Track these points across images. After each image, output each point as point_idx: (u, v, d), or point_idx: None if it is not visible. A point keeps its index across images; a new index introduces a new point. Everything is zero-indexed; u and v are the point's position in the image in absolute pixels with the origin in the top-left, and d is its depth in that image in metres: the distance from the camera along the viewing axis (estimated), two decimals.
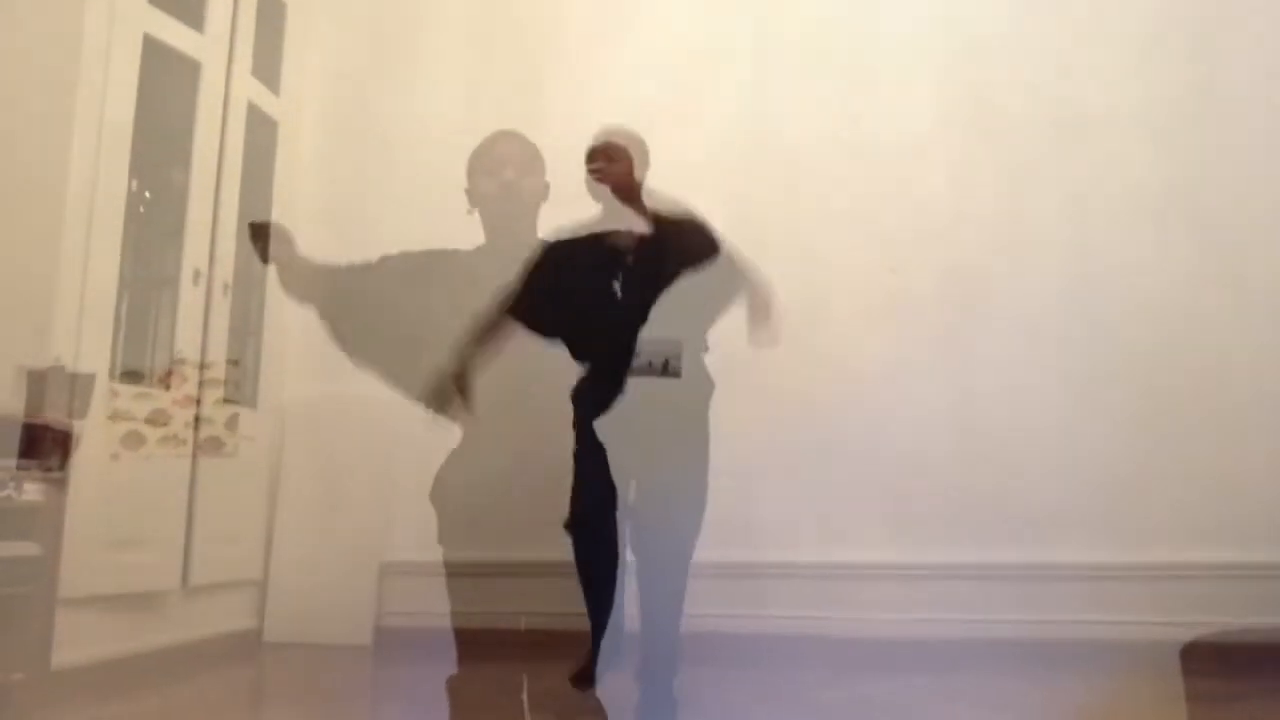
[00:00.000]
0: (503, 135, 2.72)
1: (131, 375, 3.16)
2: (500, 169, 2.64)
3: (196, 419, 3.35)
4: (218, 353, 3.47)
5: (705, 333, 2.69)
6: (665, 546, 2.60)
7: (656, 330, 2.55)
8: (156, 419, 3.19)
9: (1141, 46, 3.62)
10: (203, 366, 3.37)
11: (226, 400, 3.51)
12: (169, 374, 3.26)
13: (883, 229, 3.64)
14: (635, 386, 2.51)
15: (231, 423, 3.51)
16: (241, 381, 3.65)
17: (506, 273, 2.52)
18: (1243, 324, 3.39)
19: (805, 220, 3.69)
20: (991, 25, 3.72)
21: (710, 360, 2.85)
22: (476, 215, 2.69)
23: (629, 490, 2.55)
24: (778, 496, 3.49)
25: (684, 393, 2.58)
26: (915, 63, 3.74)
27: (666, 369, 2.62)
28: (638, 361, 2.57)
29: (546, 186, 2.71)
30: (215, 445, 3.43)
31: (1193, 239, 3.46)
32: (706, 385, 2.68)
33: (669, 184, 3.53)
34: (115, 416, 3.04)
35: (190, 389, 3.33)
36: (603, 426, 2.47)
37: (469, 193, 2.70)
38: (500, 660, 2.78)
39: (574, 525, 2.44)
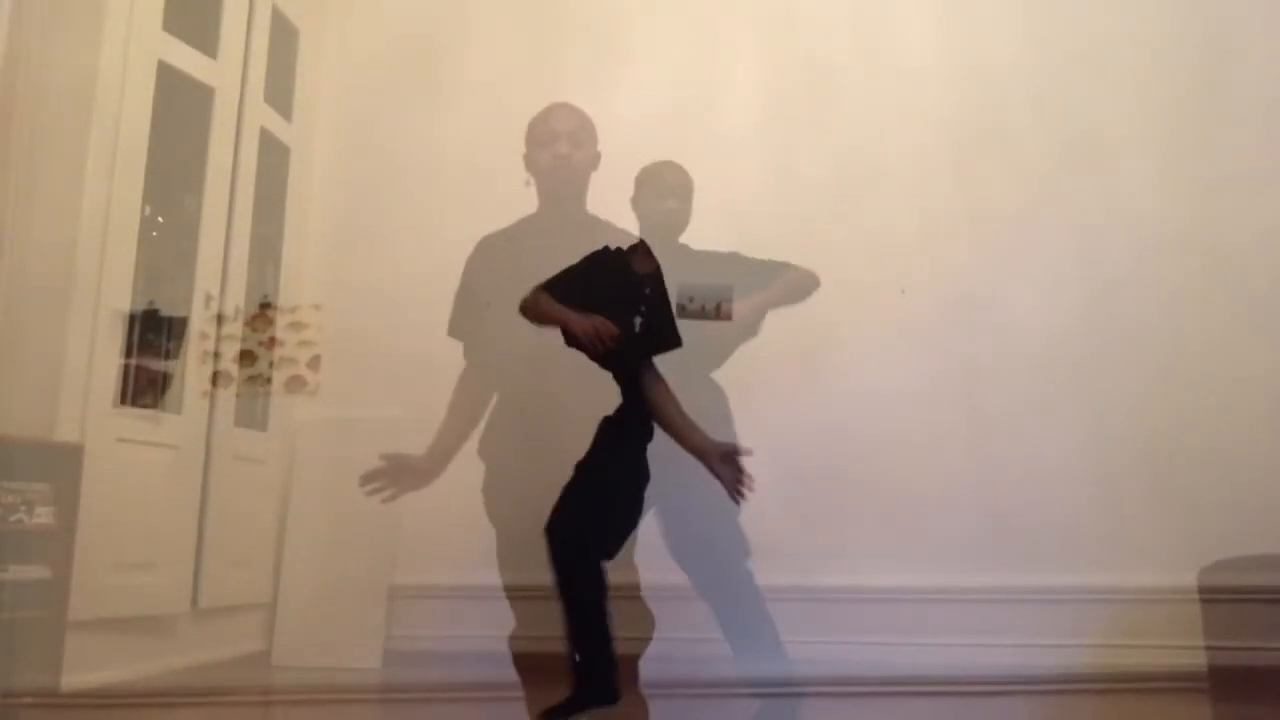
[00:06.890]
0: (557, 108, 2.76)
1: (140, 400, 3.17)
2: (554, 142, 2.69)
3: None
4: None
5: None
6: None
7: None
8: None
9: (1152, 69, 3.60)
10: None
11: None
12: (255, 316, 3.43)
13: (893, 250, 3.63)
14: None
15: (314, 363, 3.57)
16: (252, 403, 3.67)
17: (554, 239, 2.59)
18: (1254, 348, 3.35)
19: (815, 242, 3.67)
20: (1002, 47, 3.72)
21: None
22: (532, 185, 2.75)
23: None
24: (786, 520, 3.46)
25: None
26: (926, 84, 3.74)
27: (719, 312, 2.64)
28: (691, 305, 2.57)
29: (597, 156, 2.76)
30: (299, 384, 3.55)
31: (1203, 263, 3.44)
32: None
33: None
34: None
35: (277, 331, 3.48)
36: None
37: (526, 159, 2.76)
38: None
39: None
